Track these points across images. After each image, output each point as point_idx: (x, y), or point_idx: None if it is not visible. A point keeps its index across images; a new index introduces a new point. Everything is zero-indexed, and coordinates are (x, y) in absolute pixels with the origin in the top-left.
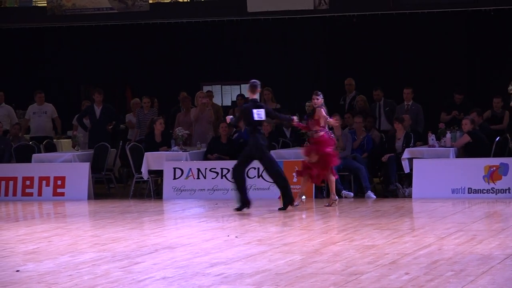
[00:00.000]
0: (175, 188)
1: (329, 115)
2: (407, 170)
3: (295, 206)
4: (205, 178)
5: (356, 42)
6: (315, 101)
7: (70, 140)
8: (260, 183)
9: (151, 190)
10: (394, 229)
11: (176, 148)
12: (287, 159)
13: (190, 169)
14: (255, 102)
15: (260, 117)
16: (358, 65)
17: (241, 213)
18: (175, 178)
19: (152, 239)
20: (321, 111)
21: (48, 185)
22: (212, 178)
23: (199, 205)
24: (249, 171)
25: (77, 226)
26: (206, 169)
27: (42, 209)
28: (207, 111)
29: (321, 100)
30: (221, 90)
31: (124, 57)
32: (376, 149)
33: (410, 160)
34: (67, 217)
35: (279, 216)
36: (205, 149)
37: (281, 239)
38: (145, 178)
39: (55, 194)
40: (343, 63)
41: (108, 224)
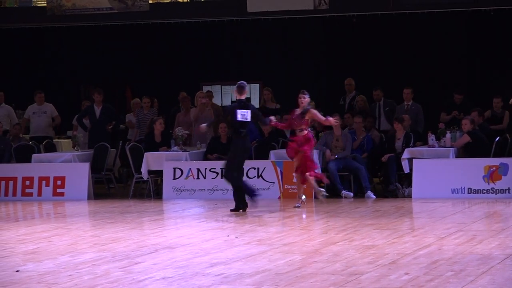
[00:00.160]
0: (175, 188)
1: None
2: (407, 170)
3: (296, 207)
4: (205, 178)
5: (356, 42)
6: (301, 99)
7: (70, 140)
8: (260, 183)
9: (151, 190)
10: (394, 229)
11: (176, 148)
12: (287, 159)
13: (190, 169)
14: (241, 102)
15: (245, 118)
16: (358, 65)
17: (241, 213)
18: (175, 178)
19: (152, 239)
20: (316, 114)
21: (48, 185)
22: (212, 178)
23: (199, 205)
24: (249, 171)
25: (77, 226)
26: (206, 169)
27: (42, 209)
28: (207, 111)
29: (307, 99)
30: (221, 90)
31: (124, 57)
32: (376, 149)
33: (410, 160)
34: (67, 217)
35: (279, 216)
36: (205, 149)
37: (281, 239)
38: (145, 178)
39: (55, 194)
40: (343, 63)
41: (108, 224)
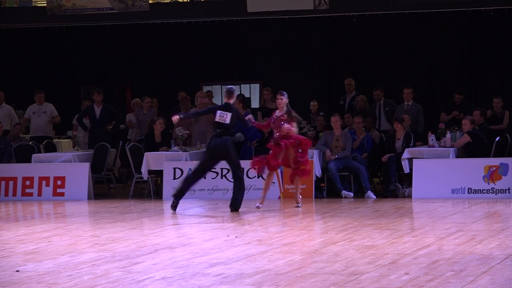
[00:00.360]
0: (175, 188)
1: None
2: (407, 170)
3: (297, 207)
4: (205, 178)
5: (356, 42)
6: (278, 101)
7: (70, 140)
8: (260, 183)
9: (151, 190)
10: (394, 229)
11: (176, 148)
12: None
13: (190, 169)
14: (227, 105)
15: (224, 120)
16: (358, 65)
17: (241, 213)
18: (175, 178)
19: (152, 239)
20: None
21: (48, 185)
22: (212, 178)
23: (199, 205)
24: (248, 171)
25: (77, 226)
26: None
27: (42, 209)
28: None
29: (285, 100)
30: (221, 90)
31: (124, 57)
32: (376, 149)
33: (410, 160)
34: (67, 217)
35: (279, 216)
36: (205, 149)
37: (281, 239)
38: (145, 178)
39: (55, 194)
40: (343, 63)
41: (108, 224)
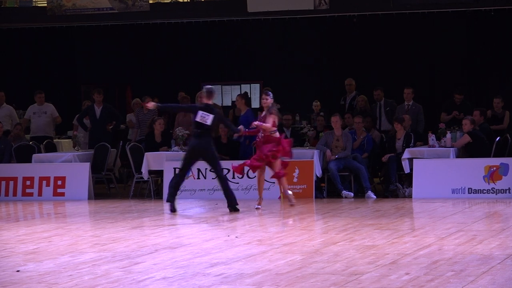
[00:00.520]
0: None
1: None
2: (407, 170)
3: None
4: (205, 178)
5: (356, 42)
6: (264, 100)
7: (70, 140)
8: None
9: (151, 190)
10: (394, 229)
11: (176, 148)
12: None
13: (190, 169)
14: (207, 106)
15: (204, 120)
16: (358, 65)
17: (241, 213)
18: None
19: (152, 239)
20: (269, 120)
21: (48, 185)
22: (212, 178)
23: (199, 205)
24: (248, 172)
25: (77, 226)
26: (206, 169)
27: (42, 209)
28: None
29: (270, 100)
30: (221, 90)
31: (124, 57)
32: (376, 149)
33: (410, 160)
34: (67, 217)
35: (279, 216)
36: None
37: (281, 239)
38: (145, 178)
39: (55, 194)
40: (343, 63)
41: (108, 224)
